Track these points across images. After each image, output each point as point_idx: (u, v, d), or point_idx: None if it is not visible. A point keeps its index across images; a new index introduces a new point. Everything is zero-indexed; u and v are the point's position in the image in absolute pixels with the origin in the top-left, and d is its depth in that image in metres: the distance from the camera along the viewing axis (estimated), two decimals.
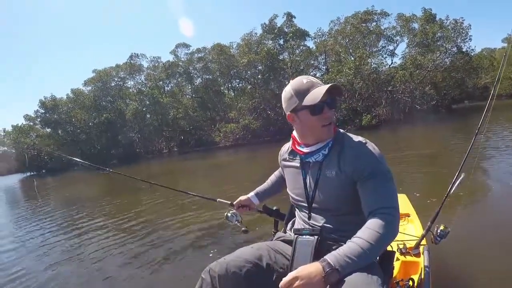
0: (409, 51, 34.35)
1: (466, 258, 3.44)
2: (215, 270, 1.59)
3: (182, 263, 4.54)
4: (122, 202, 10.14)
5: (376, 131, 24.38)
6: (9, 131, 52.71)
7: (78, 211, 9.71)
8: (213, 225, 5.87)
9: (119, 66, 45.24)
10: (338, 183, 1.67)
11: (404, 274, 2.25)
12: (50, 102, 47.05)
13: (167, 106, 41.24)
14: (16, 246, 6.87)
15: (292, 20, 37.24)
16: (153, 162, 32.32)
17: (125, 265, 4.81)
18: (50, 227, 8.21)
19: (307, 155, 1.77)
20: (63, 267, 5.07)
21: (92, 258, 5.30)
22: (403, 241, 2.52)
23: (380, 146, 1.62)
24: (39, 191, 18.75)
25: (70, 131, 47.51)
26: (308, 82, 1.67)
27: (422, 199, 5.41)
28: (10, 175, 62.53)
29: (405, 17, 34.65)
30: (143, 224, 6.91)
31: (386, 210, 1.49)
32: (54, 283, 4.52)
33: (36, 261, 5.61)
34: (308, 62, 37.33)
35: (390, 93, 32.03)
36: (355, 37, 34.67)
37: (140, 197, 10.59)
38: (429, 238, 2.49)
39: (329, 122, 1.68)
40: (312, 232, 1.67)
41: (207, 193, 8.91)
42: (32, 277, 4.86)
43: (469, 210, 4.76)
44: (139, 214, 7.92)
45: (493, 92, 3.12)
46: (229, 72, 39.11)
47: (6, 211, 14.17)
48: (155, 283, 4.10)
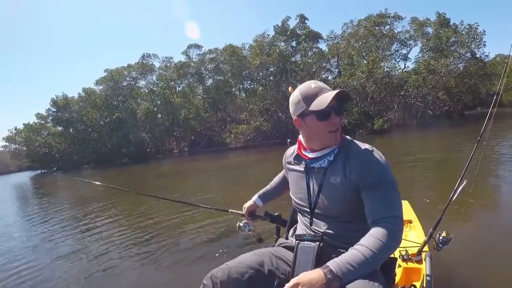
0: (422, 56, 34.25)
1: (468, 265, 3.45)
2: (217, 276, 1.59)
3: (184, 268, 4.54)
4: (131, 201, 10.27)
5: (388, 135, 24.52)
6: (20, 129, 53.27)
7: (86, 209, 9.95)
8: (217, 230, 5.84)
9: (131, 66, 45.73)
10: (342, 190, 1.67)
11: (406, 281, 2.28)
12: (62, 101, 47.63)
13: (179, 106, 41.62)
14: (26, 240, 7.24)
15: (305, 22, 37.40)
16: (164, 162, 32.53)
17: (123, 265, 4.91)
18: (58, 223, 8.52)
19: (312, 160, 1.77)
20: (65, 261, 5.34)
21: (95, 256, 5.48)
22: (405, 248, 2.54)
23: (390, 151, 1.76)
24: (50, 188, 19.00)
25: (82, 129, 48.05)
26: (316, 87, 1.67)
27: (424, 206, 5.46)
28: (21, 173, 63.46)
29: (418, 21, 34.64)
30: (149, 226, 7.00)
31: (390, 220, 1.49)
32: (58, 274, 4.76)
33: (42, 253, 5.95)
34: (320, 65, 37.33)
35: (403, 97, 32.03)
36: (368, 40, 34.63)
37: (151, 199, 10.78)
38: (431, 244, 2.52)
39: (335, 128, 1.68)
40: (313, 238, 1.70)
41: (217, 195, 9.26)
42: (38, 268, 5.13)
43: (471, 217, 4.81)
44: (147, 216, 8.04)
45: (495, 98, 3.19)
46: (240, 73, 39.32)
47: (17, 207, 14.66)
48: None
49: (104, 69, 46.26)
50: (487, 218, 4.87)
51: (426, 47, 33.75)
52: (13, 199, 18.16)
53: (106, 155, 45.51)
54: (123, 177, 23.16)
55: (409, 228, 3.11)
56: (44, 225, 8.57)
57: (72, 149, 48.51)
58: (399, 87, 32.11)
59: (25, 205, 14.63)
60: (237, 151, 30.58)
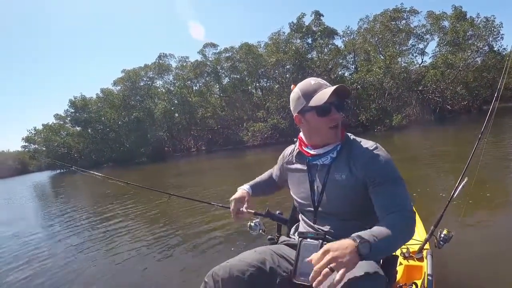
0: (439, 50, 34.29)
1: (469, 263, 3.46)
2: (218, 273, 1.59)
3: (188, 265, 4.57)
4: (148, 199, 10.40)
5: (406, 131, 24.59)
6: (39, 130, 54.45)
7: (104, 207, 10.32)
8: (225, 228, 5.88)
9: (147, 66, 46.56)
10: (348, 186, 1.68)
11: (407, 279, 2.28)
12: (80, 102, 48.62)
13: (196, 105, 42.34)
14: (45, 236, 7.70)
15: (320, 19, 37.53)
16: (182, 161, 33.09)
17: (122, 260, 5.09)
18: (78, 221, 8.87)
19: (314, 157, 1.79)
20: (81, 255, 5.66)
21: (104, 251, 5.79)
22: (406, 245, 2.52)
23: (409, 148, 2.04)
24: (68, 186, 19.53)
25: (100, 129, 49.07)
26: (316, 83, 1.70)
27: (426, 203, 5.50)
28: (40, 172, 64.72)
29: (435, 15, 34.58)
30: (158, 222, 7.24)
31: (405, 213, 1.52)
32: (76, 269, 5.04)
33: (59, 249, 6.30)
34: (336, 61, 37.54)
35: (421, 92, 32.04)
36: (384, 35, 34.64)
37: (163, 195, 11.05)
38: (432, 242, 2.54)
39: (336, 124, 1.70)
40: (316, 236, 1.66)
41: (233, 193, 9.47)
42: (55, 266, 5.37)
43: (472, 214, 4.80)
44: (156, 212, 8.29)
45: (496, 95, 3.29)
46: (256, 72, 39.73)
47: (38, 205, 15.37)
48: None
49: (121, 69, 47.12)
50: (488, 216, 4.90)
51: (443, 41, 33.80)
52: (35, 198, 19.08)
53: (124, 154, 46.36)
54: (141, 175, 23.72)
55: None
56: (63, 220, 9.29)
57: (90, 148, 49.60)
58: (417, 82, 32.28)
59: (47, 203, 15.34)
60: (255, 149, 30.95)
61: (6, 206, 16.56)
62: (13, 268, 5.48)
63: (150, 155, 44.10)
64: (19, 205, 15.82)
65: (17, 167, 74.66)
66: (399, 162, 6.89)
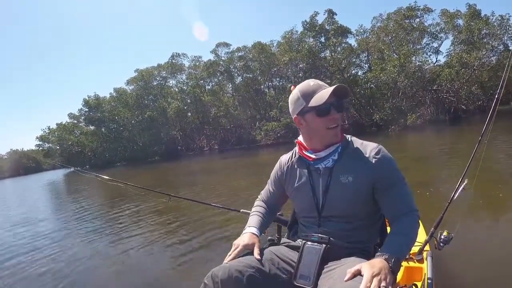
0: (454, 49, 34.16)
1: (469, 264, 3.48)
2: (218, 274, 1.56)
3: (188, 267, 4.58)
4: (152, 199, 10.82)
5: (420, 131, 24.49)
6: (53, 129, 55.37)
7: (116, 205, 10.46)
8: (227, 230, 5.86)
9: (160, 65, 47.27)
10: (354, 189, 1.69)
11: (407, 280, 2.28)
12: (94, 101, 49.36)
13: (208, 104, 42.85)
14: (58, 233, 7.91)
15: (334, 17, 37.43)
16: (194, 160, 33.32)
17: (122, 261, 5.20)
18: (90, 219, 9.08)
19: (316, 161, 1.78)
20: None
21: (104, 248, 6.01)
22: None
23: (424, 147, 2.11)
24: (81, 185, 20.00)
25: (113, 128, 49.91)
26: (315, 85, 1.71)
27: (426, 204, 5.42)
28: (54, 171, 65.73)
29: (449, 13, 34.38)
30: (160, 222, 7.32)
31: (414, 212, 1.66)
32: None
33: (71, 245, 6.56)
34: (349, 60, 37.63)
35: (435, 92, 31.97)
36: (398, 34, 34.58)
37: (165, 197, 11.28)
38: (432, 243, 2.55)
39: (335, 124, 1.72)
40: (320, 240, 1.69)
41: (246, 192, 9.69)
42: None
43: (472, 216, 4.79)
44: (160, 212, 8.33)
45: (497, 97, 3.16)
46: (269, 71, 39.98)
47: (52, 202, 15.91)
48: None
49: (135, 69, 47.78)
50: (489, 217, 4.94)
51: (458, 40, 33.61)
52: (48, 195, 19.74)
53: (137, 153, 47.06)
54: (153, 174, 24.18)
55: None
56: (67, 217, 9.80)
57: (104, 147, 50.44)
58: (431, 81, 32.21)
59: (57, 202, 15.88)
60: (267, 148, 30.99)
61: (21, 202, 17.51)
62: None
63: (163, 154, 44.76)
64: (33, 202, 16.50)
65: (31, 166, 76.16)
66: (406, 162, 7.12)
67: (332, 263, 1.64)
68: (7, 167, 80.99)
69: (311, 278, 1.59)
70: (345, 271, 1.44)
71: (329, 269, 1.62)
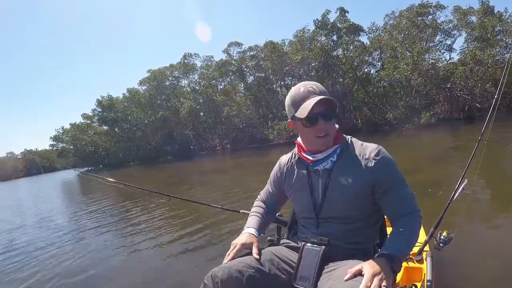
0: (467, 46, 33.98)
1: (469, 265, 3.48)
2: (217, 275, 1.56)
3: (188, 267, 4.65)
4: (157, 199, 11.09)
5: (434, 129, 24.45)
6: (67, 129, 56.23)
7: (128, 204, 10.78)
8: (227, 230, 5.91)
9: (173, 65, 47.80)
10: (354, 190, 1.70)
11: (407, 281, 2.29)
12: (107, 101, 49.95)
13: (221, 104, 43.13)
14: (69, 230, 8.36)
15: (345, 15, 37.33)
16: (207, 159, 33.78)
17: (121, 260, 5.39)
18: (103, 218, 9.39)
19: (314, 163, 1.79)
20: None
21: (111, 244, 6.32)
22: None
23: (438, 146, 2.23)
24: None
25: (127, 128, 50.67)
26: (304, 91, 1.69)
27: (425, 205, 5.42)
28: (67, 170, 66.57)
29: (462, 10, 34.02)
30: (159, 222, 7.52)
31: (416, 213, 1.68)
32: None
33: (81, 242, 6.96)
34: (362, 58, 37.60)
35: (449, 90, 31.87)
36: (410, 31, 34.41)
37: (191, 193, 11.74)
38: (432, 244, 2.58)
39: (324, 134, 1.71)
40: (320, 242, 1.69)
41: (259, 191, 9.89)
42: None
43: (472, 216, 4.81)
44: (161, 211, 8.54)
45: (496, 97, 3.37)
46: (281, 70, 40.19)
47: (66, 201, 16.48)
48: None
49: (147, 69, 48.28)
50: (488, 218, 4.94)
51: (471, 37, 33.37)
52: (63, 195, 20.38)
53: (150, 152, 47.75)
54: (166, 173, 24.65)
55: None
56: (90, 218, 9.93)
57: (117, 147, 51.15)
58: (445, 79, 32.11)
59: (68, 201, 16.46)
60: (280, 147, 30.55)
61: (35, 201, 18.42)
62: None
63: (176, 153, 45.33)
64: (47, 201, 17.29)
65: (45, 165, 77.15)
66: (417, 161, 7.33)
67: (332, 264, 1.66)
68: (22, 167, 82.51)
69: (310, 280, 1.60)
70: (345, 271, 1.47)
71: (329, 269, 1.63)
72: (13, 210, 15.54)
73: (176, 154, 45.20)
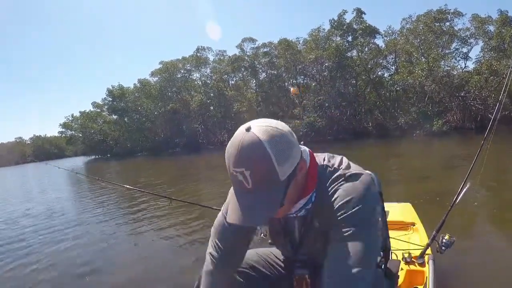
0: (483, 55, 33.70)
1: (471, 268, 3.50)
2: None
3: (185, 265, 4.61)
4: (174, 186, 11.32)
5: (446, 138, 24.37)
6: (76, 117, 56.74)
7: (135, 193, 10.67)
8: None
9: (185, 58, 47.91)
10: (324, 236, 1.31)
11: (409, 284, 2.27)
12: (118, 91, 50.28)
13: (231, 99, 43.17)
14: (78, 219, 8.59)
15: (362, 17, 37.17)
16: (215, 153, 33.31)
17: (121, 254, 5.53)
18: (109, 207, 9.62)
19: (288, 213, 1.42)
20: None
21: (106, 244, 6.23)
22: (408, 250, 2.53)
23: (449, 153, 2.24)
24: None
25: (136, 118, 50.84)
26: (233, 178, 1.15)
27: (428, 208, 5.48)
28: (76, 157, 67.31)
29: (479, 19, 33.69)
30: (159, 221, 7.49)
31: (347, 284, 1.16)
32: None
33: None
34: (376, 61, 37.47)
35: (462, 99, 31.70)
36: (427, 37, 34.19)
37: (198, 188, 11.86)
38: (434, 247, 2.56)
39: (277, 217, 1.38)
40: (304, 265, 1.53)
41: None
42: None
43: (474, 219, 4.87)
44: (162, 211, 8.43)
45: (498, 105, 3.38)
46: (294, 68, 40.06)
47: (71, 191, 16.43)
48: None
49: (159, 61, 48.43)
50: (490, 221, 4.98)
51: (488, 46, 33.07)
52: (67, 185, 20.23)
53: (159, 144, 48.05)
54: (173, 166, 25.15)
55: (412, 230, 3.08)
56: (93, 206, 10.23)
57: (126, 137, 51.61)
58: (459, 87, 31.93)
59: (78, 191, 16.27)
60: None
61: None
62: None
63: (184, 146, 45.53)
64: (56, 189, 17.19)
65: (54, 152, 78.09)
66: (426, 169, 7.11)
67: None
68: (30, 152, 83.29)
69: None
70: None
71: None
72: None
73: (184, 146, 45.48)
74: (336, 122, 36.15)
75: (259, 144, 1.08)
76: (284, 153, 1.12)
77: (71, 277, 4.74)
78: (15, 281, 4.84)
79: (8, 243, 6.93)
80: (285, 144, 1.14)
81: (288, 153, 1.14)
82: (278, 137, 1.12)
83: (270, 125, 1.15)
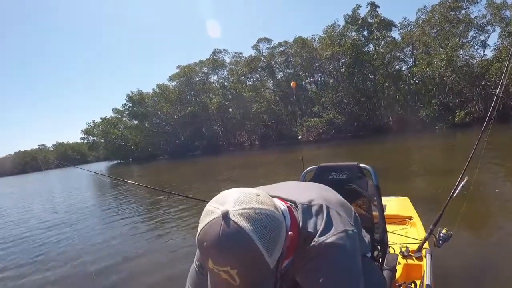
0: (501, 42, 33.14)
1: (468, 262, 3.53)
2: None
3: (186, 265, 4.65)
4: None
5: (469, 129, 23.61)
6: (98, 123, 57.68)
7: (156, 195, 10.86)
8: None
9: (202, 62, 48.62)
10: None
11: (407, 277, 2.26)
12: (137, 96, 50.99)
13: (250, 100, 43.59)
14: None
15: (376, 10, 37.15)
16: (235, 155, 34.09)
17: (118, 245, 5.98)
18: (130, 209, 9.96)
19: None
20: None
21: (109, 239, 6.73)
22: (406, 244, 2.52)
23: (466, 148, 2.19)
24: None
25: (156, 123, 51.59)
26: (207, 252, 0.90)
27: (425, 202, 5.45)
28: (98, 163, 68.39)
29: (495, 4, 33.11)
30: (158, 220, 7.76)
31: None
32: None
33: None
34: (393, 54, 37.26)
35: (483, 88, 31.25)
36: (443, 26, 33.85)
37: (218, 185, 12.32)
38: (431, 241, 2.55)
39: None
40: None
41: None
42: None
43: (472, 213, 4.75)
44: (162, 208, 8.85)
45: (497, 95, 3.28)
46: (311, 66, 40.18)
47: (93, 195, 17.22)
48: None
49: (177, 65, 49.03)
50: (488, 215, 5.02)
51: (505, 32, 32.57)
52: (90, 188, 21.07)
53: (179, 147, 48.65)
54: (194, 168, 25.30)
55: (409, 224, 3.04)
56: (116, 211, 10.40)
57: (146, 141, 52.24)
58: (480, 76, 31.57)
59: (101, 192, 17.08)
60: (309, 145, 30.85)
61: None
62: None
63: (204, 148, 46.20)
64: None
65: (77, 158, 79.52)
66: (451, 162, 8.72)
67: None
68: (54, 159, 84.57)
69: None
70: None
71: None
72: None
73: (204, 149, 46.00)
74: (356, 118, 36.17)
75: (244, 237, 0.87)
76: (273, 240, 0.93)
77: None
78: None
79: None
80: (274, 229, 0.93)
81: (277, 238, 0.94)
82: (266, 221, 0.91)
83: (251, 206, 0.91)
